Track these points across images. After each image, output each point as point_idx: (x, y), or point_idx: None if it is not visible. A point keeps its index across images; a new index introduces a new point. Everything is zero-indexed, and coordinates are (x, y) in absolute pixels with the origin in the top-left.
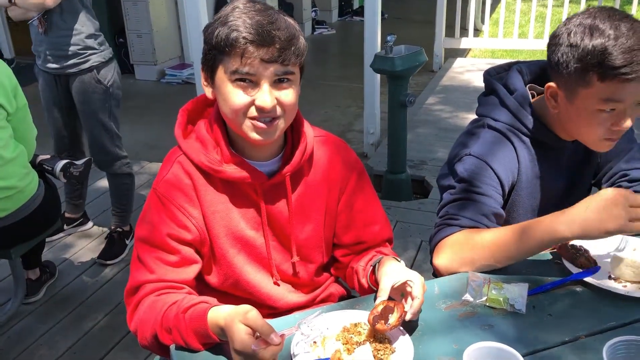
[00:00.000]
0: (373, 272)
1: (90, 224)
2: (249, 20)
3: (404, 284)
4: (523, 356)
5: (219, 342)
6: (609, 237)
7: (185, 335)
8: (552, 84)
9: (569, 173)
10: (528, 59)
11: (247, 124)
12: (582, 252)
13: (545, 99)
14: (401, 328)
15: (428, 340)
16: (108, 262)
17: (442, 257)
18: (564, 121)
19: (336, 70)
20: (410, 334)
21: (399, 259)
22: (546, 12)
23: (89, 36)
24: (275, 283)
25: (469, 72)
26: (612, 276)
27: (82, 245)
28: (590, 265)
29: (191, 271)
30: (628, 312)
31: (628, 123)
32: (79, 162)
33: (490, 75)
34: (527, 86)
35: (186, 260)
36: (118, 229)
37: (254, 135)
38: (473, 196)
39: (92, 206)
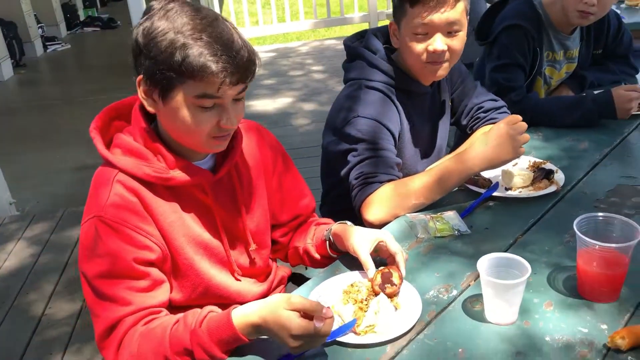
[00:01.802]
0: (329, 245)
1: None
2: (215, 43)
3: (377, 245)
4: None
5: (246, 342)
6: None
7: (209, 348)
8: (392, 21)
9: (432, 116)
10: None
11: (209, 142)
12: (478, 176)
13: (391, 37)
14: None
15: (413, 279)
16: None
17: (375, 212)
18: (403, 54)
19: (96, 83)
20: None
21: (347, 222)
22: None
23: None
24: (237, 279)
25: None
26: (507, 187)
27: None
28: (489, 183)
29: (165, 291)
30: (535, 209)
31: (438, 44)
32: None
33: (349, 43)
34: (384, 47)
35: (157, 282)
36: None
37: (213, 148)
38: (378, 152)
39: None
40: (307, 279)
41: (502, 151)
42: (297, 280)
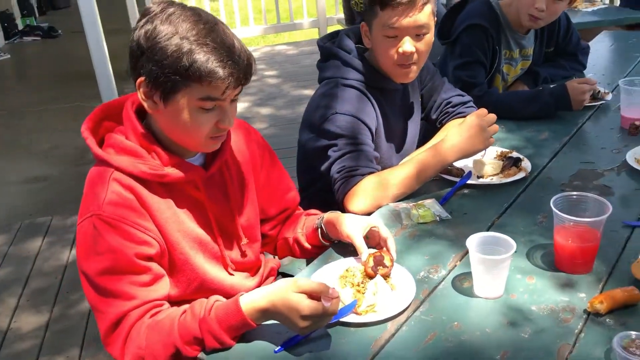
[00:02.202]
0: (321, 233)
1: None
2: (220, 48)
3: (370, 231)
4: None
5: (254, 327)
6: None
7: (219, 335)
8: (363, 23)
9: (404, 112)
10: None
11: (206, 142)
12: (452, 166)
13: (363, 38)
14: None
15: (403, 262)
16: None
17: (358, 203)
18: (375, 54)
19: (39, 94)
20: None
21: (338, 212)
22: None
23: None
24: (230, 274)
25: None
26: (479, 175)
27: None
28: (462, 172)
29: (166, 285)
30: (507, 194)
31: (407, 46)
32: None
33: (322, 43)
34: (356, 46)
35: (158, 276)
36: None
37: (209, 148)
38: (359, 147)
39: None
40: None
41: (475, 141)
42: (284, 274)
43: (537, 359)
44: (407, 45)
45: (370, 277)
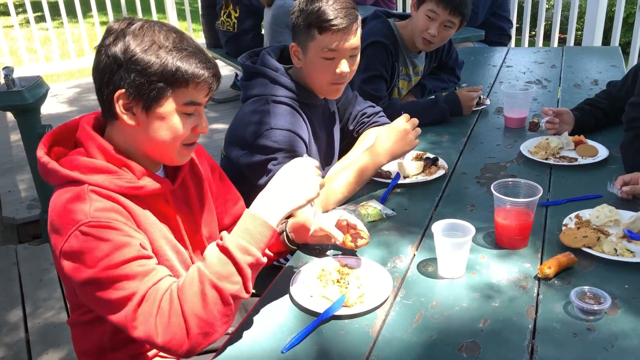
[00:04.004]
0: (286, 237)
1: None
2: (198, 53)
3: (338, 223)
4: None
5: (275, 231)
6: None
7: (245, 247)
8: (294, 44)
9: (327, 126)
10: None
11: (181, 151)
12: (380, 169)
13: (292, 57)
14: (356, 256)
15: (368, 257)
16: None
17: (306, 210)
18: (307, 73)
19: None
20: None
21: None
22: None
23: None
24: None
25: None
26: (404, 176)
27: None
28: (390, 174)
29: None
30: (434, 189)
31: (344, 67)
32: None
33: (243, 62)
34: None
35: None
36: None
37: (182, 160)
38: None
39: None
40: None
41: (403, 143)
42: None
43: (512, 322)
44: (344, 66)
45: (352, 249)
